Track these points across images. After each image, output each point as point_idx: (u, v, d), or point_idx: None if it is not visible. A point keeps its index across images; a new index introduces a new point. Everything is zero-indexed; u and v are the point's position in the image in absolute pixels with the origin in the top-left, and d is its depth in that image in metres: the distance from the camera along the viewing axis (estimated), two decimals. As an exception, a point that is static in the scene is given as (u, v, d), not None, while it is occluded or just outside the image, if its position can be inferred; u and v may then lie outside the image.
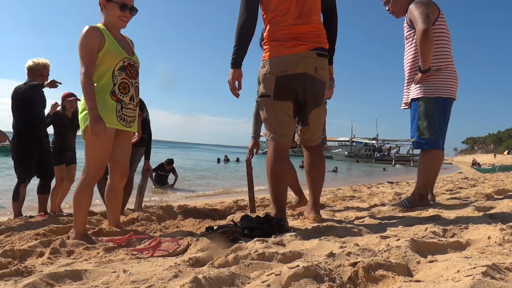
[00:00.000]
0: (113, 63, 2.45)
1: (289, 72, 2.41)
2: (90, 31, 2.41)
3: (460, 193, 4.20)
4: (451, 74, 3.01)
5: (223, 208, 4.00)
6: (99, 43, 2.41)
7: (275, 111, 2.52)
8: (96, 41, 2.40)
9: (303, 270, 1.21)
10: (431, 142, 2.99)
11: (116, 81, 2.45)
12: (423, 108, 2.99)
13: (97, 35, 2.41)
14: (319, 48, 2.45)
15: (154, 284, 1.29)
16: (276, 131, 2.55)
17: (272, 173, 2.54)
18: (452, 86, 3.00)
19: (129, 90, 2.51)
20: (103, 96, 2.40)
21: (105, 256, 1.94)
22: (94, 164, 2.44)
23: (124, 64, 2.49)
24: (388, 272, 1.20)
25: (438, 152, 3.05)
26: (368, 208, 3.42)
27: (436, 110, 2.97)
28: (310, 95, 2.49)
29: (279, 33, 2.44)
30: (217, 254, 1.66)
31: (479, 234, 1.78)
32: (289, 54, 2.40)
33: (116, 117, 2.44)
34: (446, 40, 3.02)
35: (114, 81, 2.44)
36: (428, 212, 2.70)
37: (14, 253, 1.96)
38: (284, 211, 2.61)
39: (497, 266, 1.17)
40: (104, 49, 2.42)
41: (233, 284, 1.25)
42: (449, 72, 3.00)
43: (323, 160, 2.81)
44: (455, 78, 3.03)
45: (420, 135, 3.02)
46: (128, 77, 2.50)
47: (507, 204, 2.69)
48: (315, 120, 2.63)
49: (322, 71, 2.49)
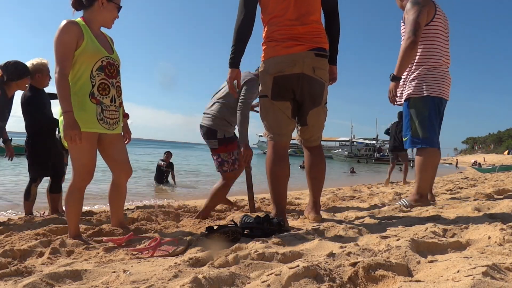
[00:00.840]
0: (91, 63, 2.30)
1: (286, 72, 2.42)
2: (69, 26, 2.25)
3: (460, 193, 4.20)
4: (441, 74, 3.03)
5: (223, 208, 3.99)
6: (77, 41, 2.26)
7: (273, 111, 2.53)
8: (75, 39, 2.25)
9: (303, 270, 1.21)
10: (424, 140, 3.02)
11: (94, 82, 2.31)
12: (414, 108, 3.03)
13: (76, 32, 2.26)
14: (318, 48, 2.45)
15: (154, 284, 1.30)
16: (274, 131, 2.56)
17: (271, 173, 2.55)
18: (442, 86, 3.03)
19: (109, 91, 2.37)
20: (81, 99, 2.28)
21: (105, 256, 1.94)
22: (80, 167, 2.33)
23: (103, 64, 2.34)
24: (388, 272, 1.20)
25: (433, 150, 3.06)
26: (368, 208, 3.42)
27: (426, 108, 3.00)
28: (307, 95, 2.50)
29: (276, 34, 2.45)
30: (217, 254, 1.66)
31: (479, 234, 1.78)
32: (286, 54, 2.41)
33: (97, 121, 2.32)
34: (440, 40, 3.04)
35: (93, 82, 2.30)
36: (428, 212, 2.70)
37: (14, 253, 1.96)
38: (284, 211, 2.61)
39: (497, 266, 1.17)
40: (82, 47, 2.27)
41: (233, 284, 1.25)
42: (438, 73, 3.02)
43: (324, 160, 2.81)
44: (446, 79, 3.06)
45: (413, 134, 3.06)
46: (107, 77, 2.36)
47: (507, 204, 2.69)
48: (314, 121, 2.63)
49: (321, 72, 2.48)
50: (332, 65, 2.67)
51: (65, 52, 2.23)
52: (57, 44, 2.23)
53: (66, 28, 2.24)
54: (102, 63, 2.34)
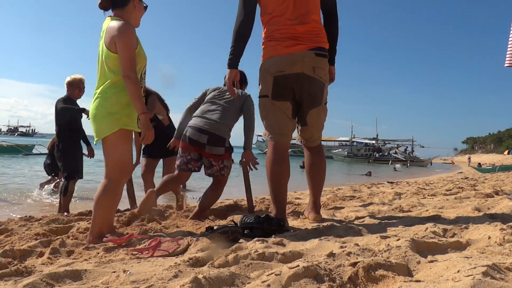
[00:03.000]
0: (142, 66, 2.39)
1: (285, 71, 2.42)
2: (132, 30, 2.29)
3: (460, 193, 4.20)
4: None
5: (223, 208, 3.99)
6: (137, 43, 2.33)
7: (274, 111, 2.53)
8: (136, 41, 2.31)
9: (303, 270, 1.21)
10: None
11: (142, 85, 2.40)
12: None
13: (135, 35, 2.32)
14: (318, 47, 2.45)
15: (154, 284, 1.30)
16: (275, 131, 2.56)
17: (272, 173, 2.55)
18: None
19: None
20: (130, 100, 2.33)
21: (105, 256, 1.94)
22: (125, 165, 2.39)
23: (145, 69, 2.46)
24: (388, 272, 1.20)
25: None
26: (368, 208, 3.42)
27: None
28: (307, 95, 2.49)
29: (276, 33, 2.44)
30: (217, 254, 1.66)
31: (479, 234, 1.78)
32: (286, 54, 2.41)
33: (137, 121, 2.41)
34: None
35: (141, 85, 2.39)
36: (428, 212, 2.70)
37: (14, 253, 1.96)
38: (284, 210, 2.61)
39: (497, 266, 1.17)
40: (137, 50, 2.33)
41: (233, 284, 1.25)
42: None
43: (324, 159, 2.81)
44: None
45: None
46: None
47: (507, 204, 2.69)
48: (314, 121, 2.62)
49: (321, 71, 2.48)
50: (330, 65, 2.66)
51: (133, 55, 2.28)
52: (127, 48, 2.25)
53: (132, 31, 2.30)
54: (145, 68, 2.45)
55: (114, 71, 2.30)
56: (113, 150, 2.35)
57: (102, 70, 2.34)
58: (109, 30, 2.29)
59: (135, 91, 2.26)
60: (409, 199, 3.93)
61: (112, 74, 2.31)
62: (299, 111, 2.59)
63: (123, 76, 2.25)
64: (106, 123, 2.31)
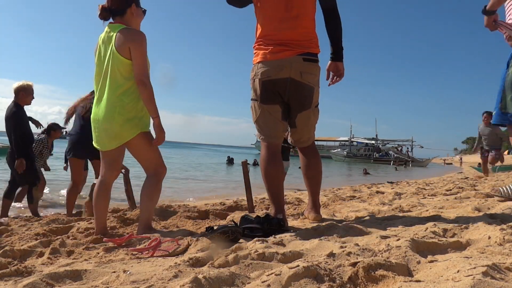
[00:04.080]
0: (148, 71, 2.47)
1: (273, 77, 2.47)
2: (145, 38, 2.39)
3: (460, 193, 4.20)
4: None
5: (223, 208, 3.99)
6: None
7: (263, 115, 2.60)
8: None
9: (303, 270, 1.21)
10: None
11: None
12: (511, 78, 2.52)
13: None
14: (307, 53, 2.49)
15: (154, 284, 1.29)
16: (265, 133, 2.63)
17: (266, 173, 2.59)
18: None
19: None
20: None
21: (105, 256, 1.94)
22: (155, 163, 2.49)
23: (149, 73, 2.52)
24: (388, 272, 1.20)
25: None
26: (368, 208, 3.42)
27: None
28: (295, 99, 2.54)
29: (265, 38, 2.52)
30: (217, 254, 1.66)
31: (479, 234, 1.78)
32: (274, 60, 2.46)
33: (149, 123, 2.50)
34: None
35: None
36: (428, 212, 2.70)
37: (14, 253, 1.96)
38: (283, 209, 2.61)
39: (497, 266, 1.17)
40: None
41: (233, 284, 1.25)
42: None
43: (318, 159, 2.83)
44: None
45: (502, 108, 2.58)
46: None
47: (507, 204, 2.69)
48: (303, 123, 2.66)
49: (309, 76, 2.52)
50: (336, 61, 2.63)
51: (146, 62, 2.41)
52: (143, 55, 2.36)
53: (145, 39, 2.39)
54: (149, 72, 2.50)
55: (126, 77, 2.37)
56: (142, 151, 2.47)
57: (112, 76, 2.38)
58: (122, 38, 2.35)
59: (150, 96, 2.36)
60: (409, 199, 3.93)
61: (125, 80, 2.37)
62: (289, 114, 2.63)
63: (138, 81, 2.33)
64: (127, 129, 2.39)
